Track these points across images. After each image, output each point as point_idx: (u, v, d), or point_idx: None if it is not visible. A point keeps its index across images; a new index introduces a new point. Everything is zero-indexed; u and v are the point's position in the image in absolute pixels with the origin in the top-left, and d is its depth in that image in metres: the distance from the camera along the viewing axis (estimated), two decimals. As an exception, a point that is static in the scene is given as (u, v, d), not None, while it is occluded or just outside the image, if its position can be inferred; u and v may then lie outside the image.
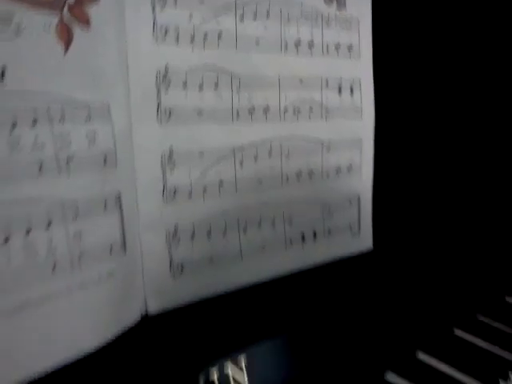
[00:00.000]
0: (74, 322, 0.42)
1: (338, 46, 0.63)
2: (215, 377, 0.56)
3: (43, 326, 0.40)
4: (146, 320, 0.49)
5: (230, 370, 0.57)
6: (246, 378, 0.58)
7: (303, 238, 0.63)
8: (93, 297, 0.43)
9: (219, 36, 0.52)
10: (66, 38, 0.39)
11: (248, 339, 0.58)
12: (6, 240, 0.37)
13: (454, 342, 0.85)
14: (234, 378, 0.57)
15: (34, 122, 0.38)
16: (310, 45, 0.60)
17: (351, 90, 0.65)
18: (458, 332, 0.87)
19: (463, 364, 0.77)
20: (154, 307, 0.50)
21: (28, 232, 0.38)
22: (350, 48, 0.64)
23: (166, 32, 0.47)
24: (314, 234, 0.64)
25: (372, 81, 0.68)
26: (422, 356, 0.79)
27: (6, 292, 0.37)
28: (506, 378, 0.75)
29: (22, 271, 0.38)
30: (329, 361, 0.68)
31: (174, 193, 0.50)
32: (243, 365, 0.58)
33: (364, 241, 0.71)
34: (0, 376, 0.38)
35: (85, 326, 0.43)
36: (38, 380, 0.40)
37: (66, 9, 0.40)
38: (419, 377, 0.74)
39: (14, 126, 0.36)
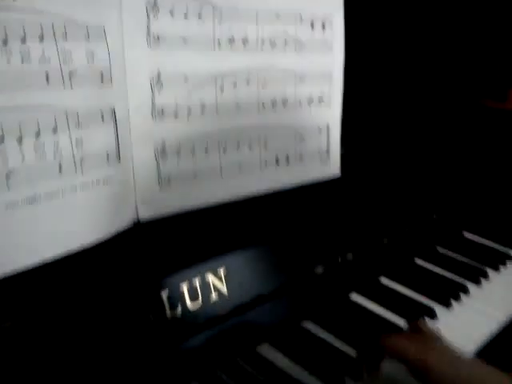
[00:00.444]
0: (76, 219, 0.48)
1: (311, -17, 0.68)
2: (197, 284, 0.63)
3: (50, 218, 0.46)
4: (138, 226, 0.56)
5: (211, 279, 0.64)
6: (226, 287, 0.65)
7: (277, 161, 0.70)
8: (92, 197, 0.49)
9: (202, -32, 0.56)
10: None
11: (227, 250, 0.66)
12: (20, 141, 0.42)
13: (414, 269, 0.95)
14: (214, 286, 0.65)
15: (41, 37, 0.42)
16: (286, -19, 0.65)
17: (323, 26, 0.71)
18: (419, 261, 0.97)
19: (421, 287, 0.87)
20: (145, 214, 0.57)
21: (37, 135, 0.44)
22: (322, -15, 0.69)
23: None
24: (287, 158, 0.71)
25: (343, 18, 0.73)
26: (385, 280, 0.88)
27: (19, 186, 0.43)
28: (457, 298, 0.85)
29: (33, 169, 0.44)
30: (299, 279, 0.76)
31: (162, 112, 0.56)
32: (222, 275, 0.65)
33: (332, 167, 0.79)
34: (12, 258, 0.44)
35: (85, 222, 0.49)
36: (41, 267, 0.47)
37: None
38: (380, 297, 0.83)
39: (24, 39, 0.41)
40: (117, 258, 0.55)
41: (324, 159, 0.77)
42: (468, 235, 1.12)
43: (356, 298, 0.85)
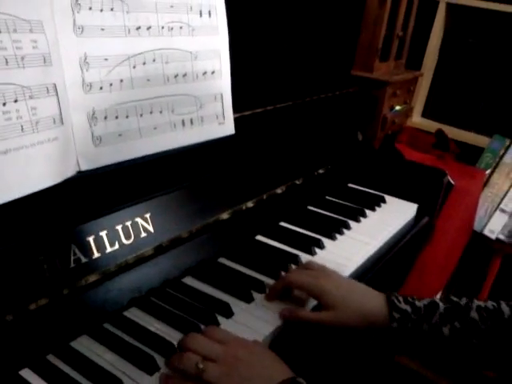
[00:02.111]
0: (35, 167, 0.64)
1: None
2: (129, 223, 0.79)
3: (17, 167, 0.62)
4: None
5: (139, 219, 0.81)
6: (152, 226, 0.82)
7: (183, 123, 0.88)
8: (47, 150, 0.65)
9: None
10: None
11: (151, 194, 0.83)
12: (-8, 108, 0.58)
13: (307, 214, 1.17)
14: (142, 226, 0.82)
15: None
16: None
17: (209, 14, 0.89)
18: (311, 207, 1.20)
19: (312, 227, 1.10)
20: (84, 167, 0.73)
21: (4, 104, 0.59)
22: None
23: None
24: (191, 121, 0.90)
25: (224, 6, 0.92)
26: (284, 224, 1.10)
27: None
28: (341, 233, 1.09)
29: (4, 129, 0.59)
30: (211, 225, 0.94)
31: (90, 86, 0.72)
32: (148, 216, 0.82)
33: (228, 128, 0.98)
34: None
35: (41, 170, 0.65)
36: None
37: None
38: (280, 236, 1.04)
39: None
40: (63, 201, 0.71)
41: (221, 121, 0.96)
42: (352, 185, 1.37)
43: (260, 238, 1.06)
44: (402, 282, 1.50)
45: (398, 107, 1.68)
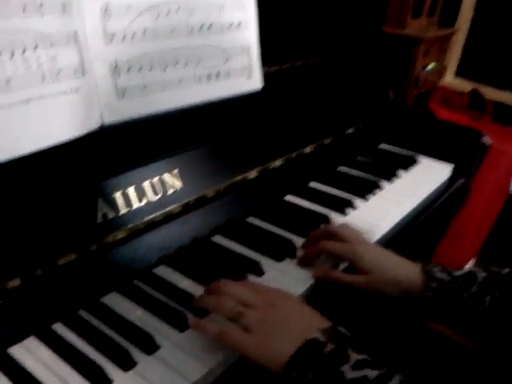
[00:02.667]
0: (58, 117, 0.62)
1: None
2: (156, 179, 0.77)
3: (39, 117, 0.60)
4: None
5: (167, 175, 0.79)
6: (179, 182, 0.80)
7: (209, 76, 0.85)
8: (69, 101, 0.63)
9: None
10: None
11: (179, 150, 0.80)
12: (12, 55, 0.55)
13: (338, 175, 1.14)
14: (169, 182, 0.79)
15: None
16: None
17: (234, -39, 0.85)
18: (342, 168, 1.16)
19: (344, 186, 1.08)
20: (108, 120, 0.71)
21: (24, 51, 0.57)
22: None
23: None
24: (217, 75, 0.86)
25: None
26: (314, 184, 1.07)
27: (16, 90, 0.56)
28: (373, 193, 1.05)
29: (24, 78, 0.57)
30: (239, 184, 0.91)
31: (112, 37, 0.69)
32: (176, 172, 0.80)
33: (255, 82, 0.94)
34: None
35: (64, 121, 0.63)
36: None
37: None
38: (311, 196, 1.01)
39: None
40: (89, 155, 0.69)
41: (248, 75, 0.92)
42: (384, 146, 1.33)
43: (290, 198, 1.03)
44: (434, 247, 1.46)
45: (430, 66, 1.62)
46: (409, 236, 1.00)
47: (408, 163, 1.21)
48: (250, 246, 0.83)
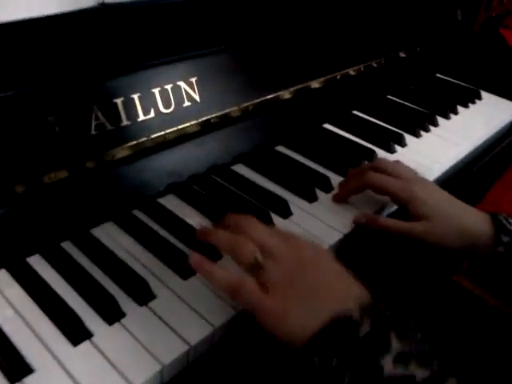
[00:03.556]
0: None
1: None
2: (169, 87, 0.62)
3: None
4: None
5: (182, 83, 0.63)
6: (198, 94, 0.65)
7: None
8: None
9: None
10: None
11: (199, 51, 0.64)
12: None
13: (387, 104, 0.98)
14: (185, 92, 0.64)
15: None
16: None
17: None
18: (391, 97, 1.00)
19: (392, 119, 0.90)
20: None
21: None
22: None
23: None
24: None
25: None
26: (358, 113, 0.91)
27: None
28: (426, 129, 0.88)
29: None
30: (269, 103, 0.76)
31: None
32: (194, 80, 0.65)
33: None
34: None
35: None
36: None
37: None
38: (353, 127, 0.86)
39: None
40: (81, 44, 0.53)
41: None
42: (441, 76, 1.15)
43: (329, 126, 0.88)
44: (484, 194, 1.31)
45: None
46: (463, 183, 0.85)
47: (468, 98, 1.04)
48: (277, 180, 0.70)
